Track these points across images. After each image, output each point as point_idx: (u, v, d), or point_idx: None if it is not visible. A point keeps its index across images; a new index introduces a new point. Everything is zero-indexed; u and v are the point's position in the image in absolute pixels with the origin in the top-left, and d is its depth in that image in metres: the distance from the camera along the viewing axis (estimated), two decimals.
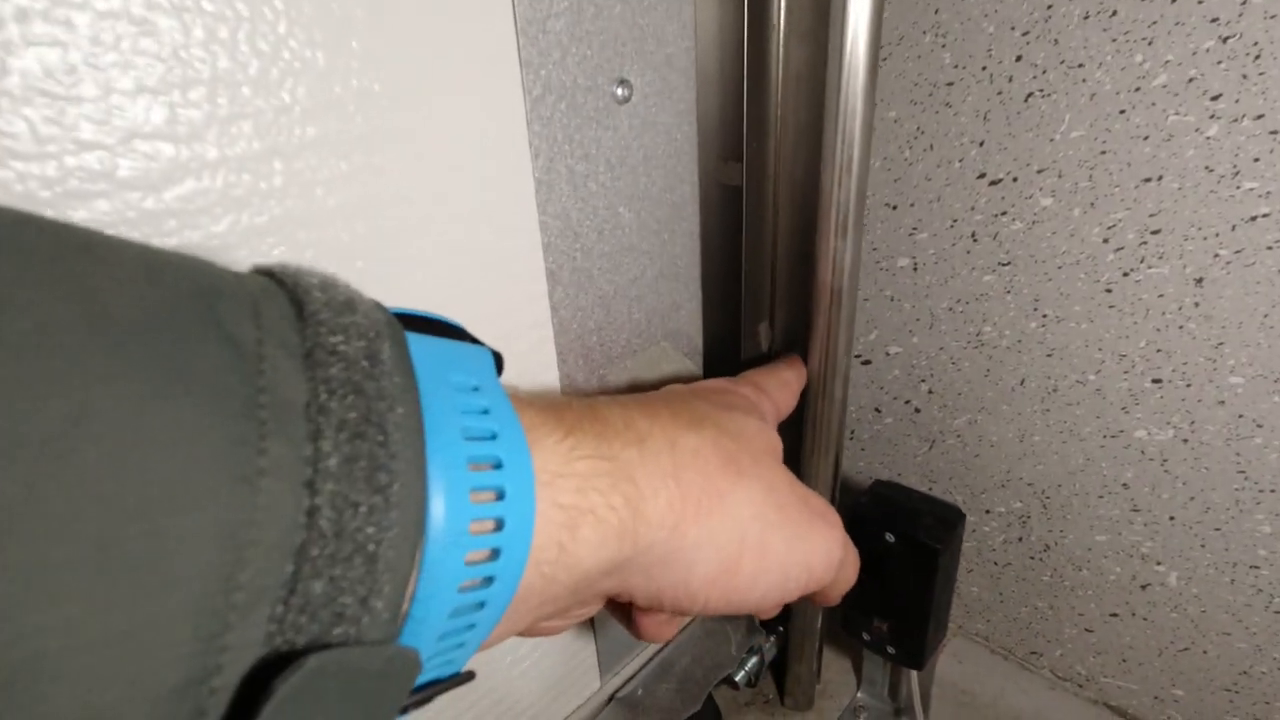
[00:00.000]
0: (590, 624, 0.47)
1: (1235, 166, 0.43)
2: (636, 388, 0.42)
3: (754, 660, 0.60)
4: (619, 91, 0.35)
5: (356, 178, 0.27)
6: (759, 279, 0.52)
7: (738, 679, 0.59)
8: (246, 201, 0.25)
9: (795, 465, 0.54)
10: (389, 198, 0.28)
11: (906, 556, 0.50)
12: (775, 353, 0.53)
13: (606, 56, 0.34)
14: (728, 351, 0.54)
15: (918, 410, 0.64)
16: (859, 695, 0.64)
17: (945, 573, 0.50)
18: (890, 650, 0.55)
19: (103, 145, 0.21)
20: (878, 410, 0.67)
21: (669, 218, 0.40)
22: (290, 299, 0.18)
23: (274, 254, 0.26)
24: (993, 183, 0.52)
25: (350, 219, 0.27)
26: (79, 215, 0.21)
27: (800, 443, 0.50)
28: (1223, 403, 0.48)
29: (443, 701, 0.39)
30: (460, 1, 0.28)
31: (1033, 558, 0.62)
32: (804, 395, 0.50)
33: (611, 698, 0.48)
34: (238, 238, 0.25)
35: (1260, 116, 0.41)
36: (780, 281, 0.51)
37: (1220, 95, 0.42)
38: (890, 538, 0.50)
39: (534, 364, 0.36)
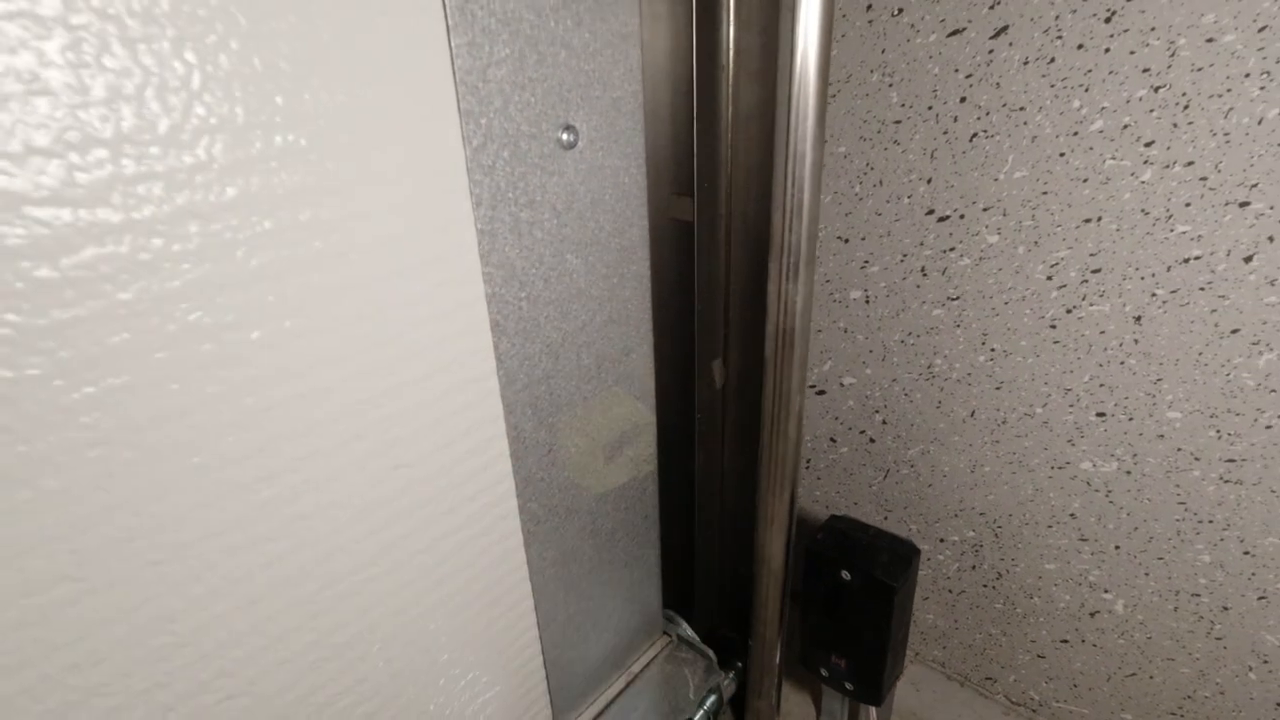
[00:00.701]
0: (544, 678, 0.45)
1: (1169, 210, 0.44)
2: (590, 432, 0.41)
3: (713, 699, 0.59)
4: (564, 137, 0.34)
5: (283, 236, 0.26)
6: (712, 315, 0.51)
7: (696, 719, 0.58)
8: (157, 266, 0.23)
9: (751, 502, 0.54)
10: (320, 255, 0.27)
11: (863, 594, 0.50)
12: (726, 390, 0.53)
13: (551, 103, 0.33)
14: (681, 388, 0.53)
15: (872, 440, 0.64)
16: None
17: (901, 609, 0.50)
18: (848, 686, 0.55)
19: None
20: (833, 440, 0.67)
21: (618, 261, 0.39)
22: None
23: (190, 319, 0.24)
24: (940, 219, 0.53)
25: (277, 279, 0.26)
26: None
27: (756, 481, 0.50)
28: (1162, 436, 0.49)
29: None
30: (394, 52, 0.27)
31: (986, 585, 0.63)
32: (758, 433, 0.49)
33: None
34: (148, 305, 0.23)
35: (1190, 163, 0.42)
36: (733, 317, 0.51)
37: (1153, 142, 0.43)
38: (847, 575, 0.50)
39: (480, 417, 0.35)
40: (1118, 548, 0.54)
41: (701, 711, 0.58)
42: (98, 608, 0.24)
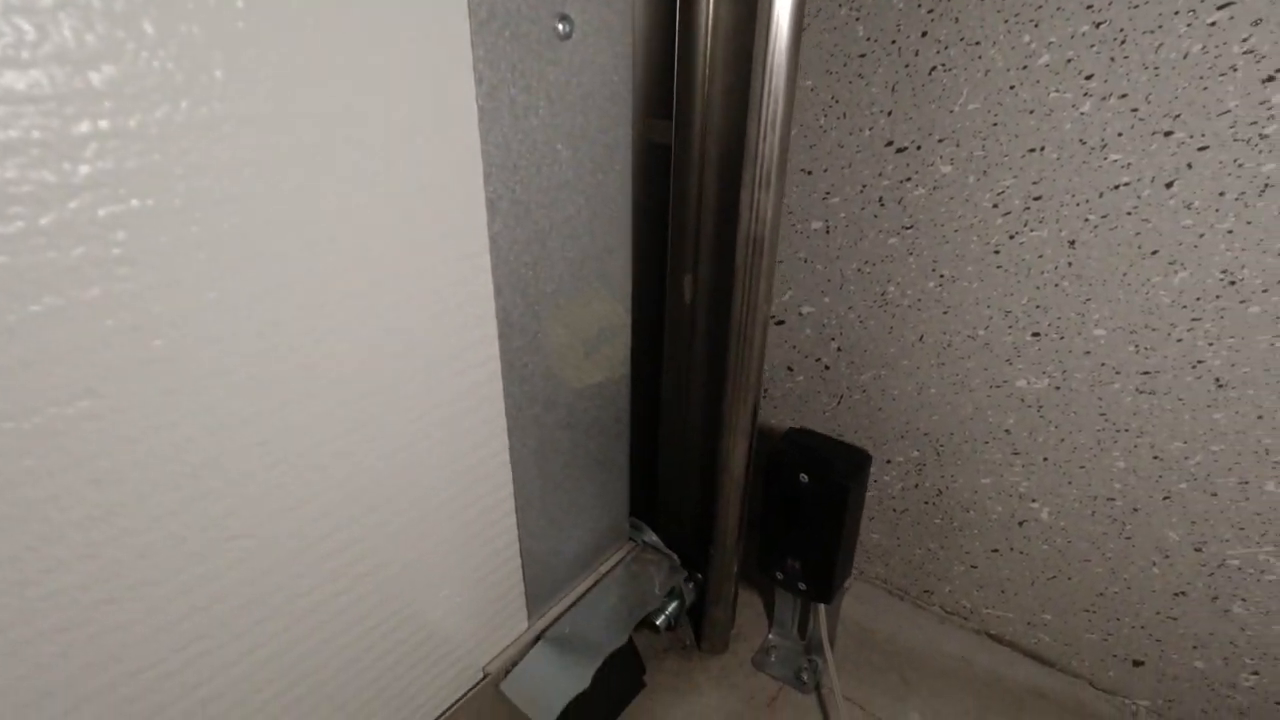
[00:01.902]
0: (519, 566, 0.47)
1: (1103, 140, 0.48)
2: (571, 322, 0.43)
3: (674, 605, 0.62)
4: (560, 27, 0.35)
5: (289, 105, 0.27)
6: (684, 232, 0.54)
7: (658, 623, 0.61)
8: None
9: (714, 416, 0.57)
10: (324, 117, 0.28)
11: (819, 495, 0.54)
12: (695, 304, 0.55)
13: None
14: (652, 303, 0.55)
15: (827, 368, 0.68)
16: (770, 636, 0.68)
17: (854, 510, 0.54)
18: (802, 586, 0.59)
19: None
20: (790, 369, 0.71)
21: (604, 158, 0.41)
22: None
23: (203, 151, 0.25)
24: (899, 150, 0.57)
25: (286, 137, 0.27)
26: None
27: (722, 389, 0.53)
28: (1089, 353, 0.54)
29: (373, 638, 0.39)
30: None
31: (927, 503, 0.68)
32: (725, 344, 0.52)
33: (539, 636, 0.49)
34: (156, 130, 0.24)
35: (1124, 95, 0.46)
36: (705, 234, 0.53)
37: (1093, 75, 0.47)
38: (805, 478, 0.54)
39: (472, 293, 0.36)
40: (1046, 459, 0.59)
41: (664, 616, 0.61)
42: (118, 425, 0.25)
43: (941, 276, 0.58)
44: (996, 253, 0.55)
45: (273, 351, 0.29)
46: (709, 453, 0.60)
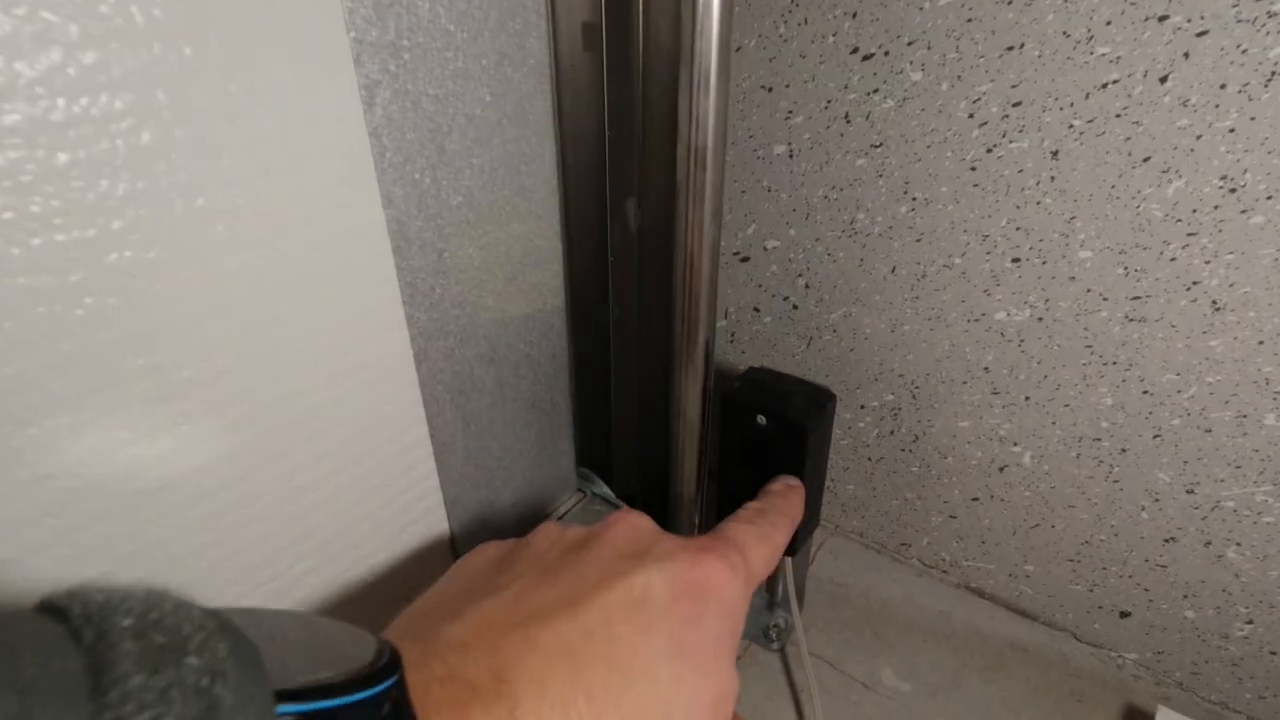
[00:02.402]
0: (444, 516, 0.43)
1: (1090, 31, 0.43)
2: (487, 244, 0.38)
3: None
4: None
5: None
6: (624, 152, 0.48)
7: None
8: None
9: (668, 355, 0.52)
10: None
11: (778, 438, 0.49)
12: (642, 232, 0.50)
13: None
14: (594, 234, 0.51)
15: (795, 307, 0.63)
16: None
17: (816, 452, 0.50)
18: None
19: None
20: (757, 310, 0.66)
21: (513, 48, 0.36)
22: (86, 664, 0.13)
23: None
24: (865, 58, 0.51)
25: None
26: None
27: (671, 324, 0.48)
28: (1073, 278, 0.49)
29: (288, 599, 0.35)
30: None
31: (903, 450, 0.63)
32: (670, 279, 0.47)
33: None
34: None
35: None
36: (649, 154, 0.48)
37: None
38: (762, 420, 0.49)
39: (353, 197, 0.32)
40: (1027, 398, 0.54)
41: None
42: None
43: (914, 200, 0.53)
44: (973, 169, 0.50)
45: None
46: (663, 397, 0.56)
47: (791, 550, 0.55)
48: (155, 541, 0.30)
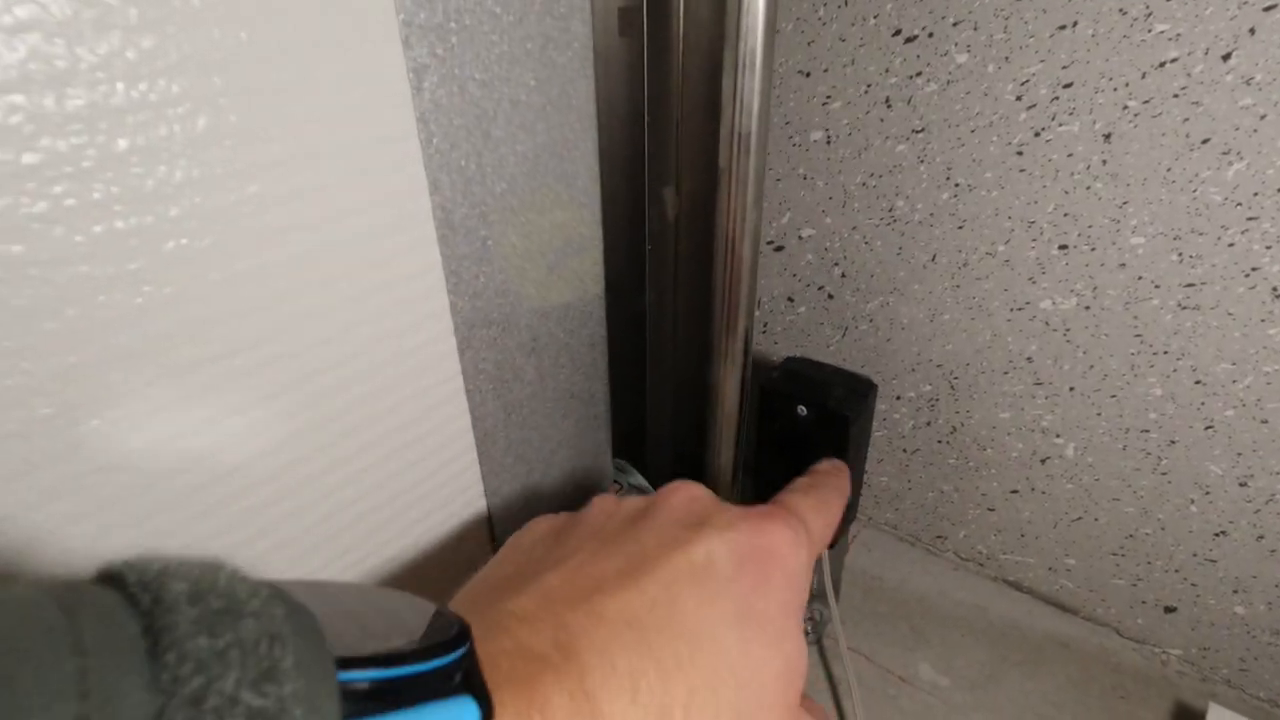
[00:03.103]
0: (484, 499, 0.43)
1: (1148, 7, 0.41)
2: (529, 231, 0.38)
3: None
4: None
5: None
6: (663, 138, 0.48)
7: None
8: None
9: (704, 344, 0.52)
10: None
11: (819, 428, 0.49)
12: (679, 219, 0.50)
13: None
14: (631, 222, 0.50)
15: (831, 297, 0.62)
16: None
17: (857, 442, 0.49)
18: None
19: None
20: (790, 300, 0.65)
21: (557, 33, 0.35)
22: (144, 627, 0.13)
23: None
24: (908, 40, 0.50)
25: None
26: None
27: (710, 313, 0.47)
28: (1124, 265, 0.48)
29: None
30: None
31: (940, 441, 0.62)
32: (711, 265, 0.47)
33: None
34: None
35: None
36: (685, 141, 0.47)
37: None
38: (803, 410, 0.49)
39: (401, 184, 0.31)
40: (1072, 389, 0.53)
41: None
42: None
43: (956, 185, 0.52)
44: (1019, 154, 0.48)
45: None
46: (700, 387, 0.55)
47: (832, 542, 0.54)
48: (206, 533, 0.30)
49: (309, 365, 0.31)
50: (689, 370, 0.56)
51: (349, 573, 0.37)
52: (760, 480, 0.55)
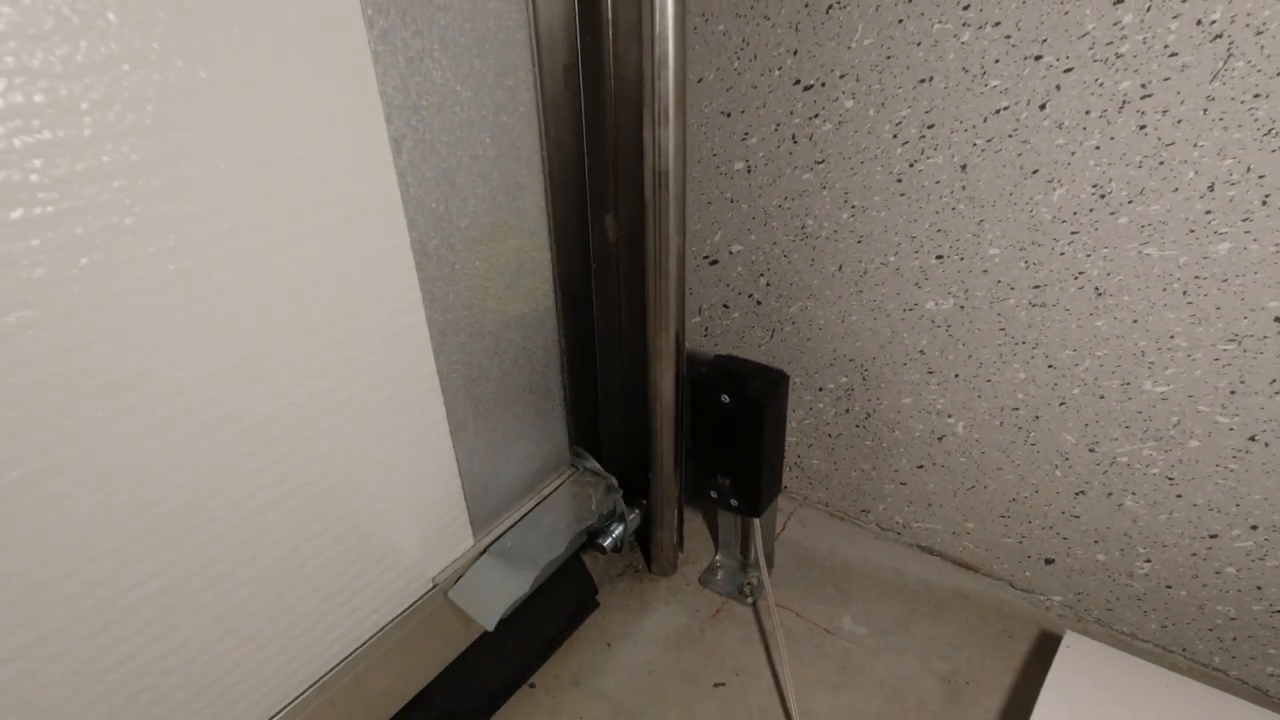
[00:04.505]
0: (459, 486, 0.52)
1: (983, 67, 0.52)
2: (489, 256, 0.47)
3: (619, 528, 0.67)
4: None
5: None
6: (602, 173, 0.57)
7: (605, 544, 0.66)
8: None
9: (644, 346, 0.61)
10: (220, 80, 0.31)
11: (740, 414, 0.58)
12: (619, 241, 0.59)
13: None
14: (578, 244, 0.59)
15: (759, 303, 0.72)
16: (716, 558, 0.73)
17: (773, 426, 0.59)
18: (733, 503, 0.64)
19: None
20: (726, 306, 0.75)
21: (507, 100, 0.44)
22: None
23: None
24: (806, 88, 0.60)
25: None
26: None
27: (645, 324, 0.57)
28: (986, 271, 0.58)
29: (328, 554, 0.44)
30: None
31: (857, 426, 0.72)
32: (643, 276, 0.56)
33: (485, 550, 0.54)
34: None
35: (998, 24, 0.50)
36: (621, 174, 0.57)
37: (969, 5, 0.50)
38: (726, 399, 0.58)
39: (385, 225, 0.40)
40: (957, 376, 0.63)
41: (610, 539, 0.66)
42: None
43: (853, 207, 0.62)
44: (899, 181, 0.59)
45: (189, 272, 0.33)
46: (643, 383, 0.64)
47: (757, 511, 0.63)
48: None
49: (315, 368, 0.40)
50: (633, 369, 0.65)
51: (344, 522, 0.45)
52: (696, 458, 0.64)
